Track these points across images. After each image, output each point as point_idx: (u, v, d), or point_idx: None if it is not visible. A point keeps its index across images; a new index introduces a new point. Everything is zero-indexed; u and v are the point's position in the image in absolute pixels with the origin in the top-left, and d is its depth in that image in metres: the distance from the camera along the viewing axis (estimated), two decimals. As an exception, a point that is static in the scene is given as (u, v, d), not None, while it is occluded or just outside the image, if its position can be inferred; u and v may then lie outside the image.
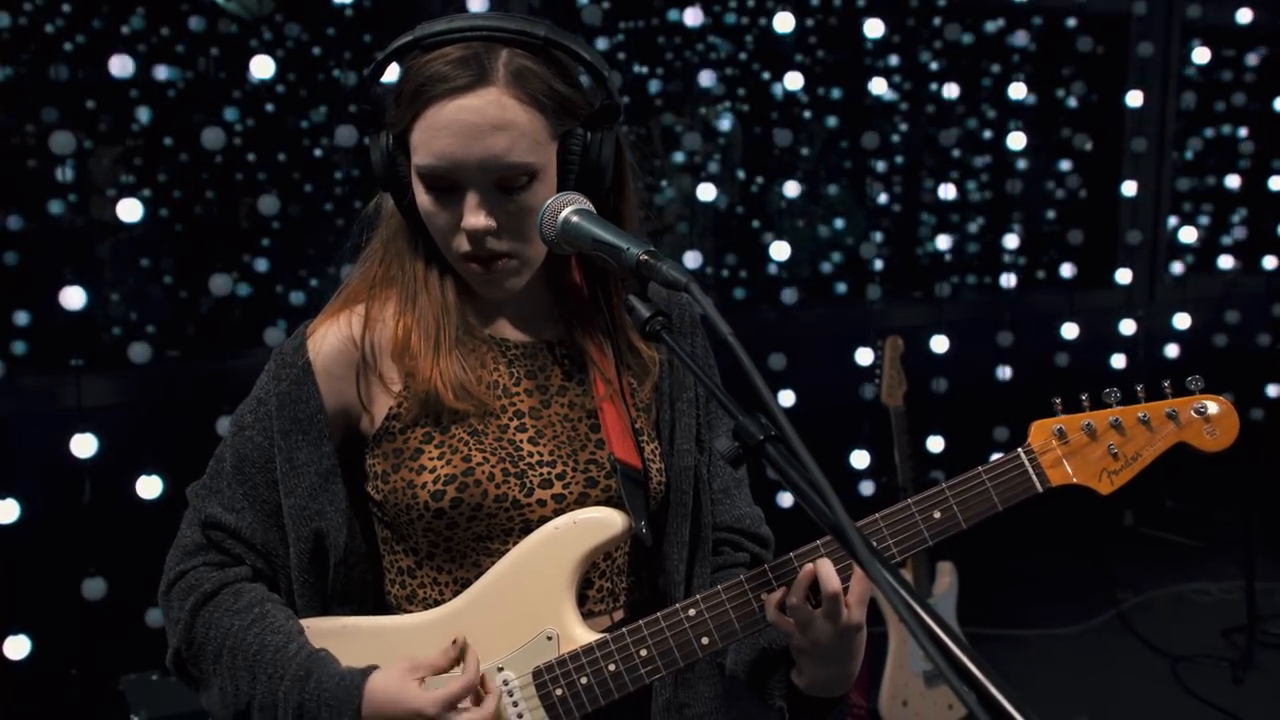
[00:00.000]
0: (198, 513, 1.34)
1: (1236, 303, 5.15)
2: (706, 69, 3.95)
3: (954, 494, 1.26)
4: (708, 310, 0.97)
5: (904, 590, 0.81)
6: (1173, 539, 5.16)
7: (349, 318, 1.33)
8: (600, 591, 1.37)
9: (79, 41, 4.06)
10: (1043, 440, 1.28)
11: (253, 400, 1.35)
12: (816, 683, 1.30)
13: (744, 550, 1.49)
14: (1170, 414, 1.30)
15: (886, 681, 3.24)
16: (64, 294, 2.98)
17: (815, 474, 0.87)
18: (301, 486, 1.30)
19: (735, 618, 1.26)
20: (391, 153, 1.27)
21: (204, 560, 1.33)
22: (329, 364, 1.32)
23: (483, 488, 1.28)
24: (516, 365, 1.36)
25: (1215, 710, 3.64)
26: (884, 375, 3.42)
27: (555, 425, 1.34)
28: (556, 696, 1.27)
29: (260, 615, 1.28)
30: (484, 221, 1.23)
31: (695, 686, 1.43)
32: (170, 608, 1.33)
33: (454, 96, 1.20)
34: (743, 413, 0.97)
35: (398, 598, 1.37)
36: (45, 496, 3.20)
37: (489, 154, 1.21)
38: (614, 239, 1.13)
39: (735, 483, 1.49)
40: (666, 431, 1.41)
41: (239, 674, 1.26)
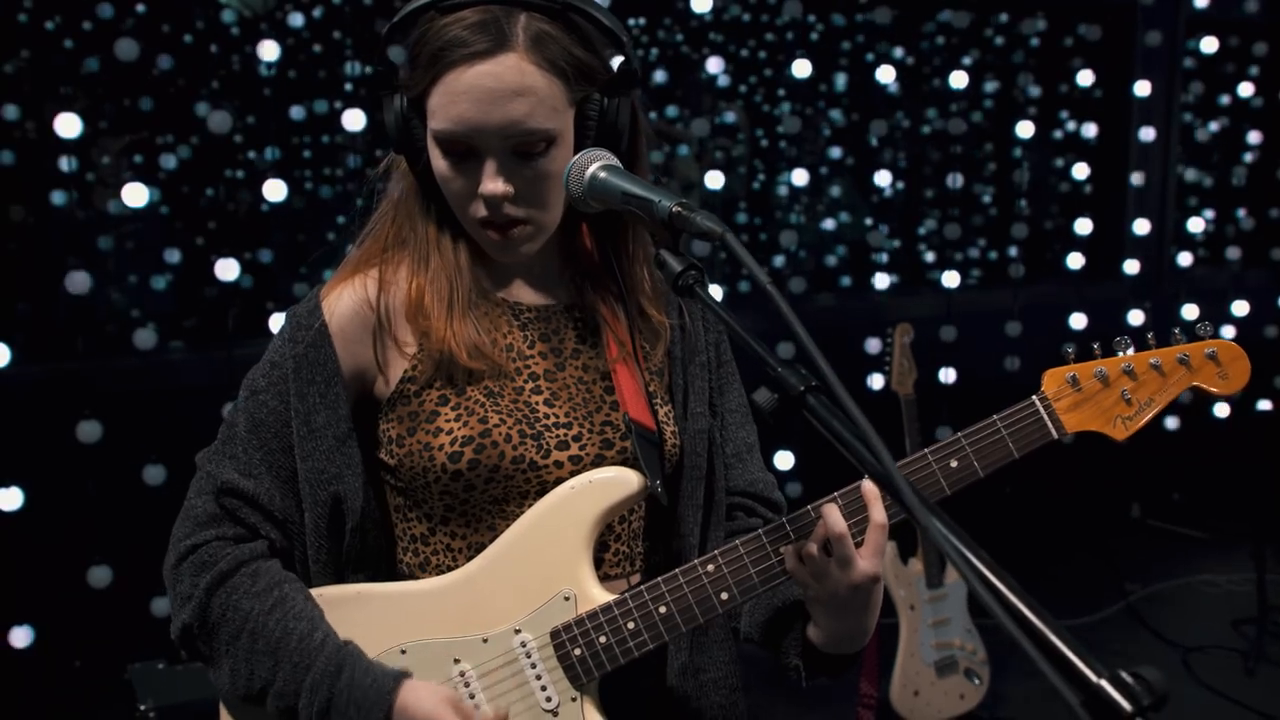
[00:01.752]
0: (212, 479, 1.30)
1: (1244, 294, 5.13)
2: (715, 57, 3.92)
3: (970, 443, 1.26)
4: (745, 261, 0.94)
5: (959, 543, 0.78)
6: (1181, 531, 5.14)
7: (363, 280, 1.32)
8: (617, 555, 1.36)
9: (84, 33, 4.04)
10: (1056, 387, 1.28)
11: (265, 364, 1.32)
12: (832, 638, 1.28)
13: (757, 515, 1.48)
14: (1182, 359, 1.30)
15: (898, 671, 3.22)
16: (69, 279, 2.96)
17: (862, 424, 0.84)
18: (320, 450, 1.28)
19: (754, 572, 1.26)
20: (406, 115, 1.25)
21: (217, 534, 1.29)
22: (345, 326, 1.30)
23: (500, 449, 1.26)
24: (530, 328, 1.35)
25: (1228, 701, 3.62)
26: (894, 363, 3.39)
27: (570, 388, 1.34)
28: (575, 656, 1.26)
29: (281, 599, 1.26)
30: (502, 187, 1.22)
31: (710, 650, 1.42)
32: (180, 582, 1.29)
33: (473, 62, 1.18)
34: (781, 362, 0.94)
35: (410, 565, 1.35)
36: (50, 484, 3.18)
37: (508, 120, 1.19)
38: (645, 192, 1.11)
39: (747, 448, 1.49)
40: (680, 395, 1.40)
41: (257, 658, 1.24)
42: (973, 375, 4.33)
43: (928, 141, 5.83)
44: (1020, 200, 5.30)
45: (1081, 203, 5.59)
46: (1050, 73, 5.58)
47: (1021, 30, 4.62)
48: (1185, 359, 1.30)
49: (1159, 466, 5.30)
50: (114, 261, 4.06)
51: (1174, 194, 5.51)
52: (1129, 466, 5.24)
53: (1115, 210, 5.35)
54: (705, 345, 1.44)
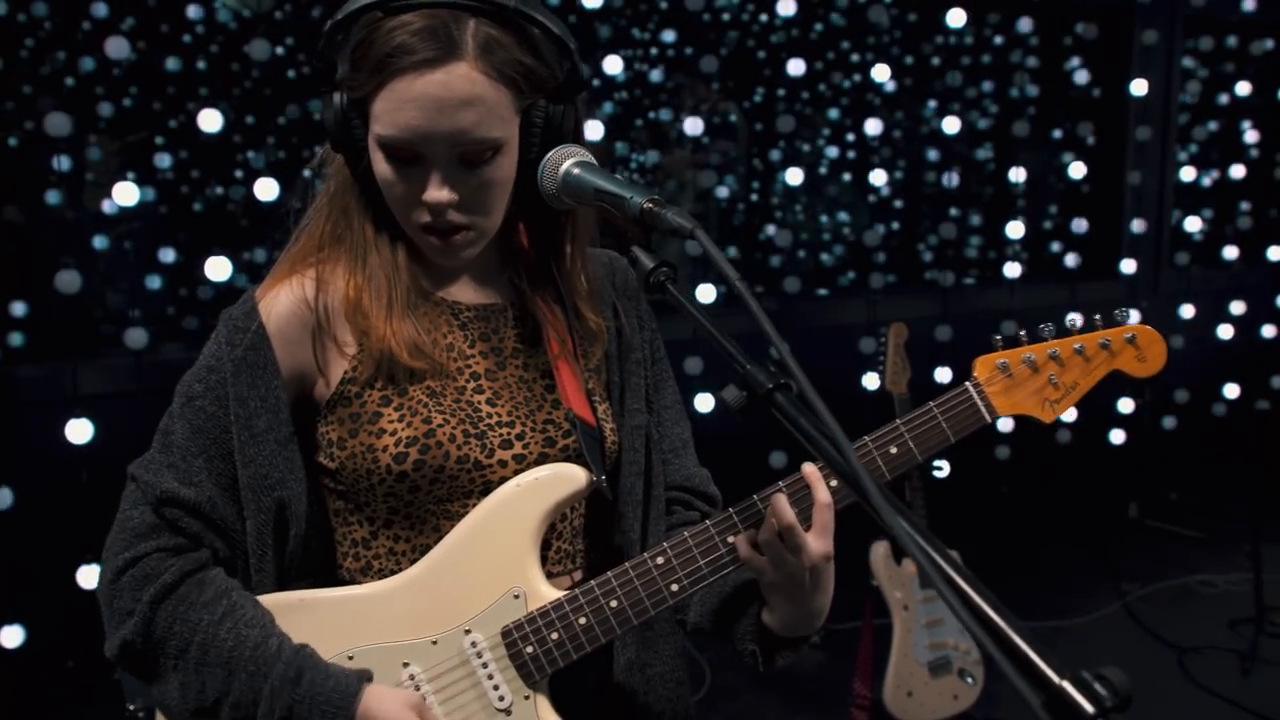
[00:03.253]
0: (149, 489, 1.26)
1: (1241, 294, 5.12)
2: (709, 56, 3.91)
3: (908, 429, 1.30)
4: (714, 256, 0.93)
5: (923, 541, 0.77)
6: (1178, 531, 5.13)
7: (300, 280, 1.30)
8: (559, 553, 1.36)
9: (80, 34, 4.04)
10: (987, 373, 1.35)
11: (201, 369, 1.29)
12: (788, 621, 1.30)
13: (694, 509, 1.50)
14: (1104, 344, 1.36)
15: (891, 672, 3.21)
16: (59, 278, 2.95)
17: (829, 421, 0.83)
18: (262, 455, 1.26)
19: (703, 563, 1.27)
20: (347, 114, 1.22)
21: (158, 545, 1.24)
22: (283, 327, 1.28)
23: (445, 449, 1.26)
24: (470, 328, 1.34)
25: (1223, 701, 3.61)
26: (888, 363, 3.38)
27: (512, 386, 1.33)
28: (528, 654, 1.26)
29: (230, 607, 1.23)
30: (447, 195, 1.21)
31: (656, 645, 1.43)
32: (119, 597, 1.24)
33: (422, 70, 1.16)
34: (750, 360, 0.94)
35: (351, 570, 1.33)
36: (41, 484, 3.17)
37: (457, 129, 1.18)
38: (617, 189, 1.10)
39: (683, 444, 1.50)
40: (616, 392, 1.42)
41: (209, 670, 1.21)
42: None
43: (925, 141, 5.82)
44: (1017, 200, 5.30)
45: (1078, 202, 5.58)
46: (1048, 72, 5.57)
47: (1019, 30, 4.61)
48: (1107, 344, 1.36)
49: (1157, 466, 5.29)
50: (107, 261, 4.06)
51: (1171, 193, 5.49)
52: (1127, 466, 5.23)
53: (1112, 210, 5.34)
54: (640, 343, 1.45)
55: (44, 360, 3.57)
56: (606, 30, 3.98)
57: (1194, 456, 5.29)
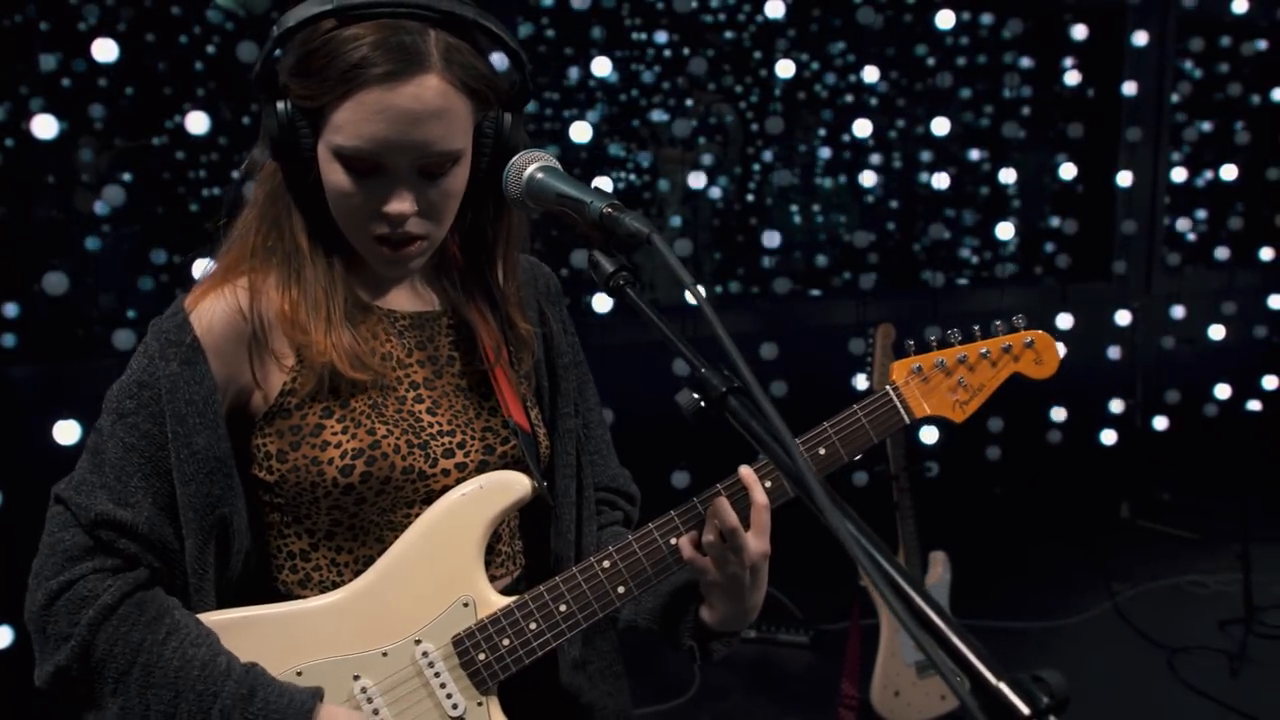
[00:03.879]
0: (82, 511, 1.20)
1: (1233, 294, 5.13)
2: (698, 57, 3.91)
3: (835, 430, 1.35)
4: (671, 261, 0.94)
5: (867, 543, 0.78)
6: (1169, 531, 5.14)
7: (232, 290, 1.26)
8: (500, 556, 1.38)
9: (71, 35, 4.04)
10: (904, 377, 1.41)
11: (131, 384, 1.23)
12: (727, 617, 1.34)
13: (619, 509, 1.55)
14: (1006, 348, 1.43)
15: (878, 672, 3.22)
16: (46, 280, 2.96)
17: (779, 425, 0.84)
18: (202, 473, 1.21)
19: (648, 564, 1.31)
20: (294, 123, 1.20)
21: (94, 566, 1.19)
22: (219, 340, 1.24)
23: (390, 460, 1.25)
24: (407, 336, 1.34)
25: (1212, 702, 3.61)
26: (875, 363, 3.39)
27: (450, 395, 1.34)
28: (480, 662, 1.27)
29: (174, 626, 1.19)
30: (410, 206, 1.20)
31: (594, 642, 1.47)
32: (53, 622, 1.19)
33: (392, 83, 1.14)
34: (705, 364, 0.94)
35: (289, 583, 1.31)
36: (31, 485, 3.18)
37: (425, 140, 1.17)
38: (578, 193, 1.10)
39: (606, 445, 1.54)
40: (547, 397, 1.44)
41: (153, 691, 1.17)
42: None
43: (917, 142, 5.82)
44: (1008, 200, 5.30)
45: (1070, 203, 5.59)
46: (1039, 73, 5.58)
47: (1011, 31, 4.62)
48: (1009, 348, 1.43)
49: (1148, 467, 5.30)
50: (97, 262, 4.06)
51: (1163, 194, 5.50)
52: (1118, 467, 5.24)
53: (1104, 210, 5.35)
54: (568, 347, 1.47)
55: (35, 361, 3.58)
56: (599, 31, 3.98)
57: (1185, 457, 5.30)
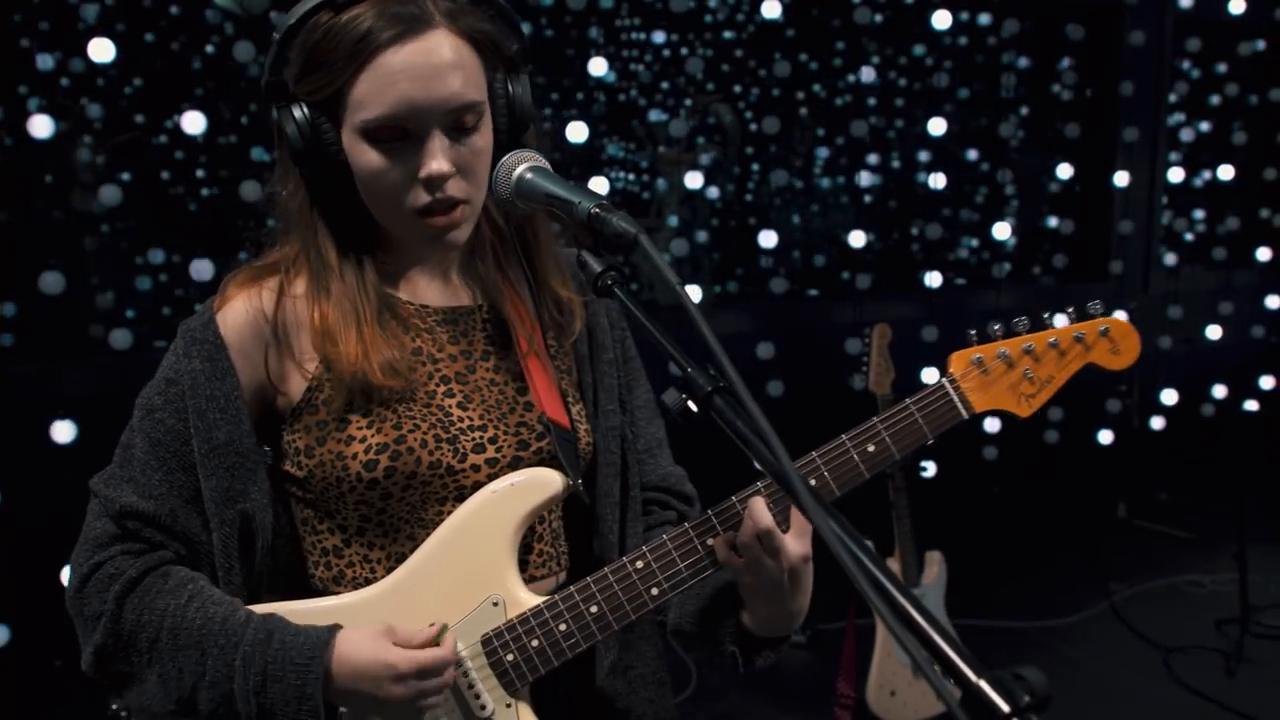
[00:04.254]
0: (110, 503, 1.25)
1: (1231, 295, 5.13)
2: (695, 57, 3.92)
3: (885, 426, 1.29)
4: (657, 262, 0.94)
5: (845, 535, 0.79)
6: (1166, 531, 5.14)
7: (258, 292, 1.28)
8: (541, 556, 1.35)
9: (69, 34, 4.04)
10: (963, 369, 1.32)
11: (160, 381, 1.27)
12: (767, 621, 1.29)
13: (671, 509, 1.49)
14: (1078, 337, 1.35)
15: (874, 671, 3.22)
16: (42, 279, 2.97)
17: (761, 423, 0.85)
18: (223, 467, 1.24)
19: (682, 566, 1.25)
20: (314, 123, 1.21)
21: (121, 549, 1.24)
22: (242, 339, 1.26)
23: (416, 455, 1.24)
24: (440, 330, 1.33)
25: (1208, 701, 3.61)
26: (871, 363, 3.39)
27: (483, 389, 1.32)
28: (508, 662, 1.25)
29: (196, 591, 1.22)
30: (447, 166, 1.19)
31: (637, 647, 1.43)
32: (87, 604, 1.24)
33: (403, 41, 1.16)
34: (691, 364, 0.95)
35: (324, 580, 1.32)
36: (26, 484, 3.18)
37: (449, 93, 1.18)
38: (566, 193, 1.11)
39: (657, 443, 1.50)
40: (590, 393, 1.40)
41: (183, 653, 1.20)
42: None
43: (914, 142, 5.83)
44: (1005, 201, 5.30)
45: (1067, 203, 5.59)
46: (1036, 73, 5.58)
47: (1007, 31, 4.62)
48: (1081, 337, 1.34)
49: (1145, 467, 5.30)
50: (93, 262, 4.07)
51: (1160, 194, 5.50)
52: (1115, 466, 5.24)
53: (1101, 211, 5.35)
54: (612, 343, 1.44)
55: (31, 361, 3.58)
56: (597, 31, 3.99)
57: (1182, 457, 5.30)
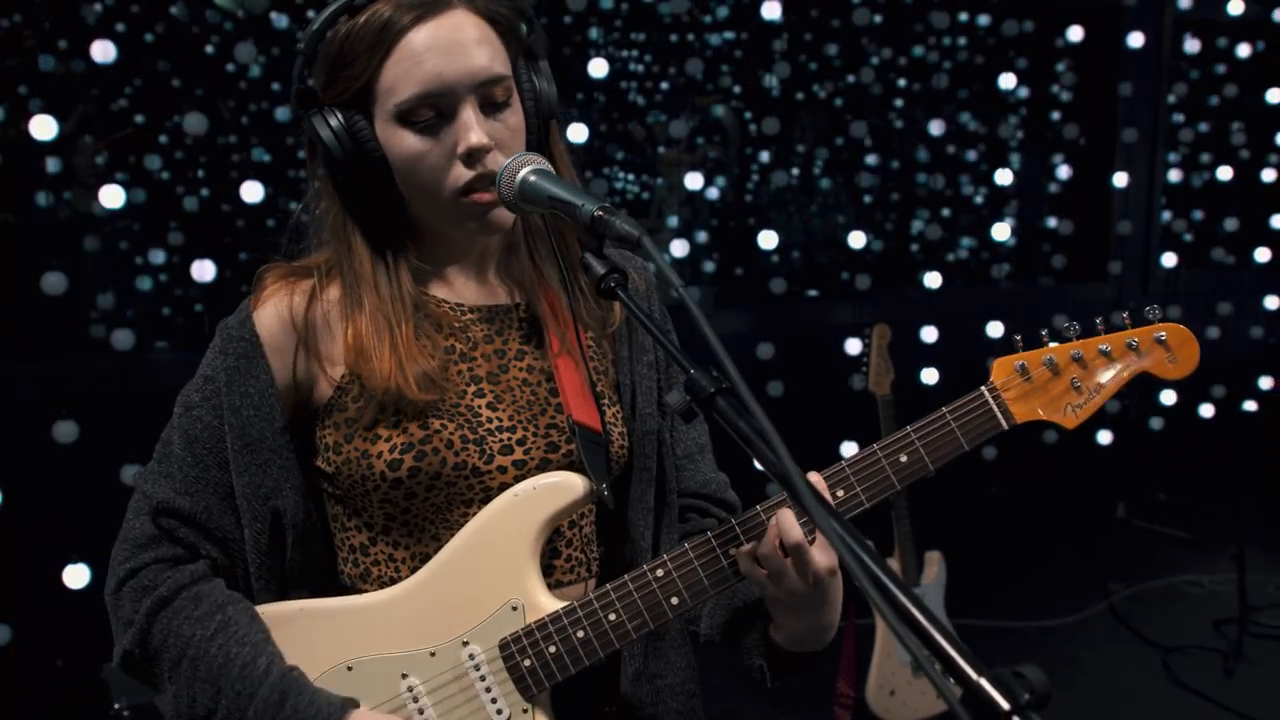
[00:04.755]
0: (148, 499, 1.27)
1: (1229, 295, 5.14)
2: (695, 59, 3.92)
3: (919, 436, 1.23)
4: (659, 264, 0.95)
5: (852, 541, 0.79)
6: (1165, 531, 5.15)
7: (291, 293, 1.29)
8: (569, 561, 1.33)
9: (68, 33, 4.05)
10: (1005, 377, 1.25)
11: (199, 379, 1.29)
12: (795, 636, 1.25)
13: (710, 516, 1.46)
14: (1131, 344, 1.25)
15: (874, 671, 3.23)
16: (45, 280, 2.97)
17: (764, 424, 0.85)
18: (256, 464, 1.26)
19: (704, 575, 1.22)
20: (348, 122, 1.22)
21: (156, 556, 1.26)
22: (276, 338, 1.27)
23: (441, 455, 1.23)
24: (475, 328, 1.32)
25: (1206, 701, 3.62)
26: (871, 364, 3.40)
27: (514, 390, 1.30)
28: (525, 668, 1.23)
29: (224, 623, 1.22)
30: (486, 138, 1.20)
31: (666, 655, 1.39)
32: (120, 607, 1.26)
33: (423, 22, 1.19)
34: (694, 365, 0.95)
35: (351, 576, 1.33)
36: (27, 484, 3.19)
37: (477, 65, 1.20)
38: (569, 196, 1.11)
39: (699, 448, 1.46)
40: (628, 395, 1.38)
41: (199, 686, 1.21)
42: (955, 376, 4.34)
43: (913, 142, 5.83)
44: (1005, 201, 5.31)
45: (1066, 204, 5.60)
46: (1035, 74, 5.59)
47: (1007, 31, 4.63)
48: (1134, 344, 1.25)
49: (1144, 467, 5.31)
50: (94, 262, 4.07)
51: (1159, 195, 5.51)
52: (1114, 467, 5.25)
53: (1100, 211, 5.36)
54: (652, 344, 1.41)
55: (32, 360, 3.58)
56: (596, 32, 3.99)
57: (1181, 457, 5.31)
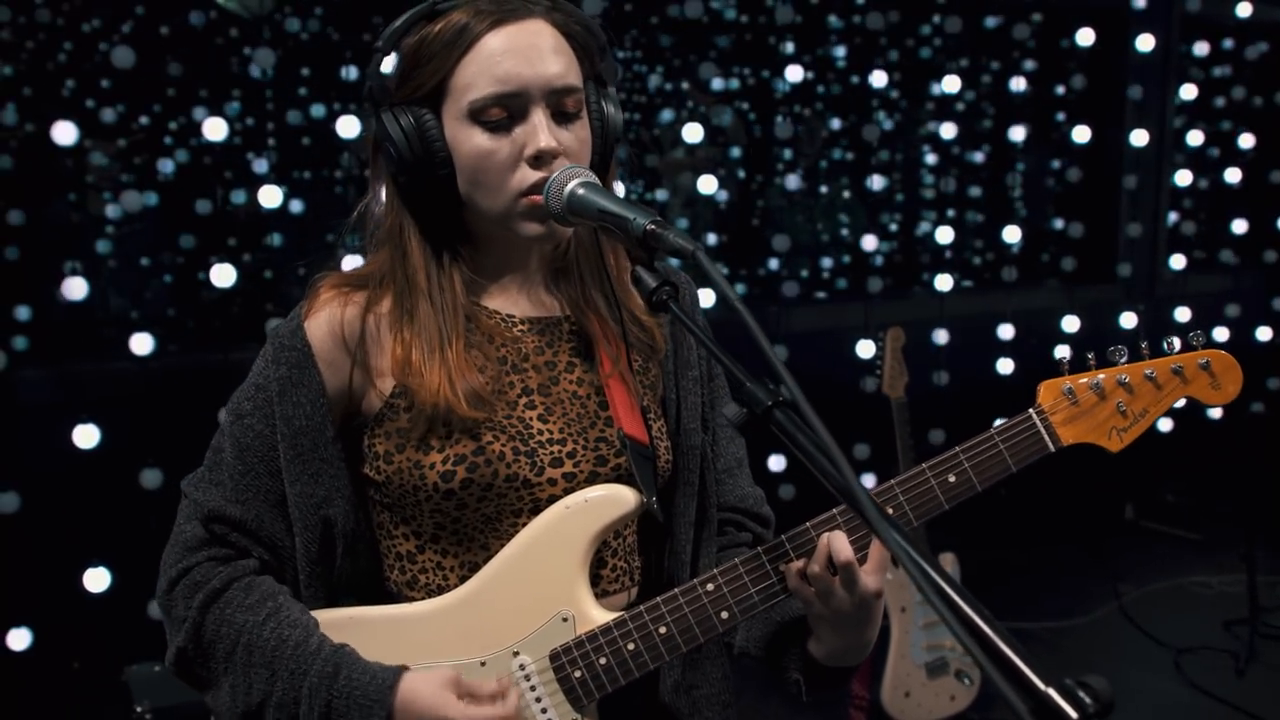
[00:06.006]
0: (198, 506, 1.28)
1: (1237, 297, 5.15)
2: (707, 62, 3.94)
3: (968, 457, 1.26)
4: (715, 277, 0.96)
5: (914, 553, 0.81)
6: (1174, 532, 5.16)
7: (344, 304, 1.30)
8: (614, 571, 1.35)
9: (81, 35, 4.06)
10: (1052, 400, 1.29)
11: (250, 387, 1.30)
12: (834, 652, 1.28)
13: (746, 530, 1.48)
14: (1176, 370, 1.30)
15: (889, 673, 3.24)
16: (66, 285, 2.98)
17: (825, 438, 0.87)
18: (307, 474, 1.27)
19: (754, 591, 1.25)
20: (418, 121, 1.24)
21: (207, 555, 1.28)
22: (327, 348, 1.28)
23: (493, 467, 1.25)
24: (524, 341, 1.33)
25: (1218, 702, 3.64)
26: (885, 367, 3.42)
27: (564, 402, 1.32)
28: (575, 679, 1.25)
29: (275, 609, 1.24)
30: (555, 142, 1.22)
31: (703, 667, 1.41)
32: (173, 606, 1.28)
33: (504, 24, 1.22)
34: (751, 378, 0.97)
35: (398, 583, 1.34)
36: (47, 487, 3.20)
37: (553, 72, 1.22)
38: (620, 209, 1.12)
39: (737, 463, 1.48)
40: (673, 410, 1.39)
41: (254, 671, 1.22)
42: (966, 378, 4.35)
43: (922, 145, 5.85)
44: (1014, 203, 5.32)
45: (1075, 206, 5.61)
46: (1044, 76, 5.60)
47: (1015, 34, 4.64)
48: (1179, 370, 1.30)
49: (1153, 468, 5.32)
50: (112, 265, 4.08)
51: (1167, 197, 5.52)
52: (1123, 468, 5.26)
53: (1109, 213, 5.37)
54: (697, 359, 1.43)
55: (48, 364, 3.59)
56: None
57: (1190, 458, 5.32)
